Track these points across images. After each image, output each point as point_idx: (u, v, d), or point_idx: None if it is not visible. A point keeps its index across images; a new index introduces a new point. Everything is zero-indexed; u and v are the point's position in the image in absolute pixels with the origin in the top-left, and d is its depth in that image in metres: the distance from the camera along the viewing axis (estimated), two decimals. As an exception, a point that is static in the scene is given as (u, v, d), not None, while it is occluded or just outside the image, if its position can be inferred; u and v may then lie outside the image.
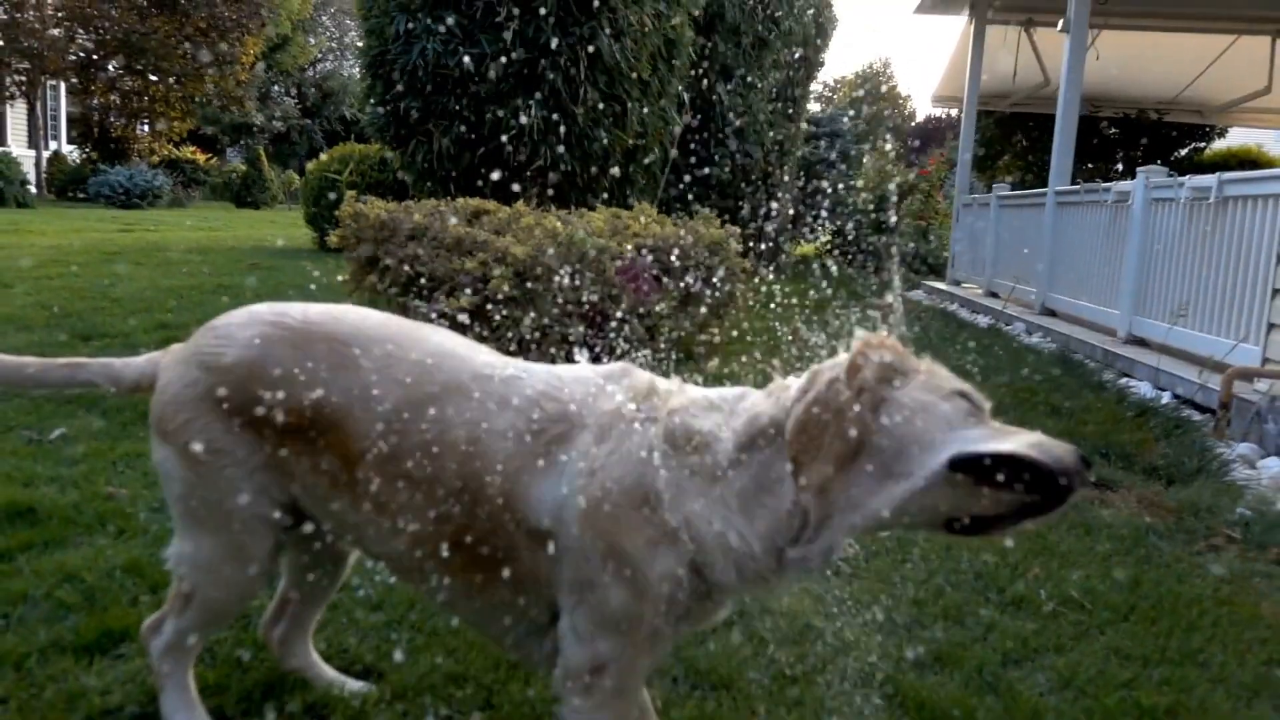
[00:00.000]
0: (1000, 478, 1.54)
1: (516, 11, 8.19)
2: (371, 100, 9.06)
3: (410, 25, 8.33)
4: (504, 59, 8.19)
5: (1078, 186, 10.42)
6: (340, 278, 6.69)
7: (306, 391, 1.84)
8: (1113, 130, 20.57)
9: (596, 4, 8.40)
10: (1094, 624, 2.96)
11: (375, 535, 1.88)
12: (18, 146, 25.28)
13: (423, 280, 5.67)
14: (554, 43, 8.18)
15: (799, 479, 1.59)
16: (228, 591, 2.01)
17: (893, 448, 1.58)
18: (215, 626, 2.19)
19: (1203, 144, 20.86)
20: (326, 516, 1.95)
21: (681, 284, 6.09)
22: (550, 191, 8.32)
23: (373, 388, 1.82)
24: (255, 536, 1.94)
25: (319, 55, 42.54)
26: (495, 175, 8.33)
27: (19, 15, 23.69)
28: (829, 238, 18.32)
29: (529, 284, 5.34)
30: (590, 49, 8.48)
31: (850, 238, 17.04)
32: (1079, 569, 3.37)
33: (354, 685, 2.33)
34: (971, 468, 1.55)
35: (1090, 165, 20.06)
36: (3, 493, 3.35)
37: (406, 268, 5.93)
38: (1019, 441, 1.58)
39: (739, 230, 7.31)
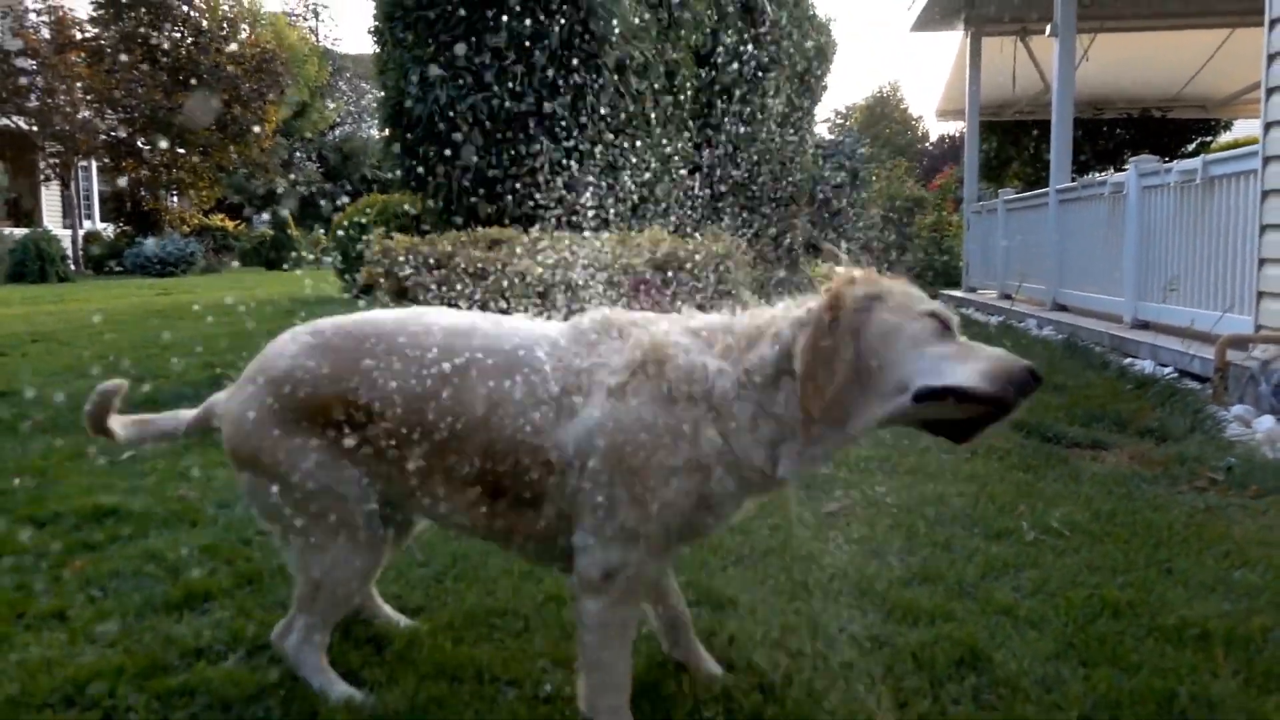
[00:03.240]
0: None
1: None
2: (391, 148, 9.57)
3: (424, 74, 8.83)
4: (513, 100, 8.67)
5: (1076, 183, 10.72)
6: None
7: (343, 389, 2.13)
8: (1118, 130, 20.82)
9: (599, 43, 8.87)
10: (1070, 546, 3.25)
11: (429, 497, 2.17)
12: (53, 226, 26.18)
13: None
14: (559, 81, 8.64)
15: (803, 400, 1.89)
16: (345, 577, 2.23)
17: (870, 369, 1.90)
18: (340, 612, 2.34)
19: (1209, 138, 21.05)
20: (391, 489, 2.21)
21: (689, 292, 6.45)
22: (564, 221, 8.73)
23: (399, 374, 2.11)
24: (352, 525, 2.19)
25: (338, 119, 43.63)
26: (511, 210, 8.77)
27: (50, 100, 24.67)
28: (844, 256, 18.66)
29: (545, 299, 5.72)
30: (594, 86, 8.94)
31: (864, 254, 17.39)
32: (1062, 507, 3.66)
33: (407, 621, 2.68)
34: (933, 396, 1.86)
35: (1099, 168, 20.31)
36: (88, 500, 3.74)
37: (434, 296, 6.34)
38: (974, 368, 1.88)
39: (745, 244, 7.68)
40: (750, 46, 13.93)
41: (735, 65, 13.74)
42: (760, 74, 14.27)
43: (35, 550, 3.24)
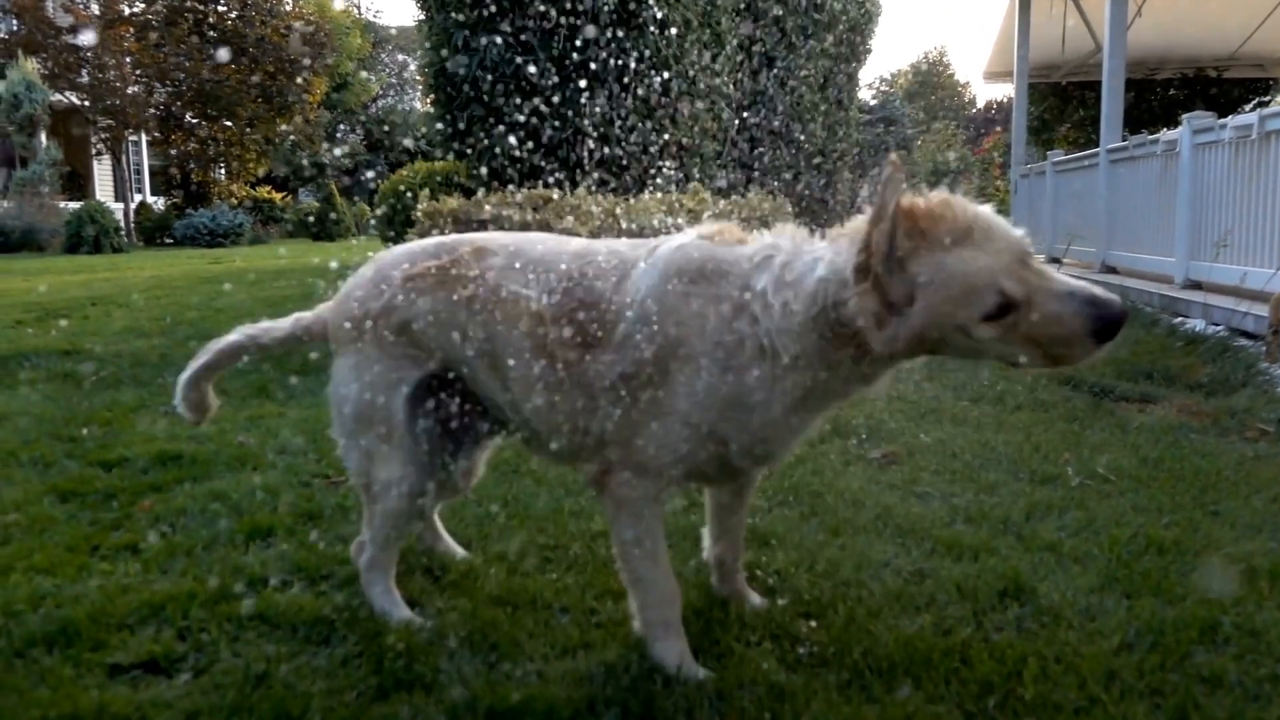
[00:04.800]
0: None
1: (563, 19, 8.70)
2: (435, 113, 9.66)
3: (468, 38, 8.88)
4: (557, 61, 8.71)
5: (1127, 142, 10.53)
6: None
7: (425, 297, 2.25)
8: (1172, 91, 20.35)
9: (641, 3, 8.86)
10: (1115, 490, 3.26)
11: (501, 387, 2.23)
12: (106, 199, 26.65)
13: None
14: (602, 42, 8.65)
15: (860, 321, 1.79)
16: (399, 493, 2.30)
17: (931, 295, 1.75)
18: (399, 530, 2.40)
19: (1267, 98, 20.49)
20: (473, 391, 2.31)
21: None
22: (610, 183, 8.77)
23: (482, 274, 2.21)
24: (417, 444, 2.29)
25: (380, 92, 43.88)
26: (556, 172, 8.82)
27: (101, 75, 25.10)
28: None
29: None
30: (638, 47, 8.94)
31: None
32: (1108, 454, 3.66)
33: (464, 553, 2.77)
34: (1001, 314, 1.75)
35: (1151, 129, 19.90)
36: (154, 446, 3.88)
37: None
38: (1050, 300, 1.75)
39: (787, 203, 7.68)
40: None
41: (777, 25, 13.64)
42: (804, 35, 14.14)
43: (105, 491, 3.38)
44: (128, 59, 25.89)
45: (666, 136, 9.50)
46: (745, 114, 12.99)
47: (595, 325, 2.06)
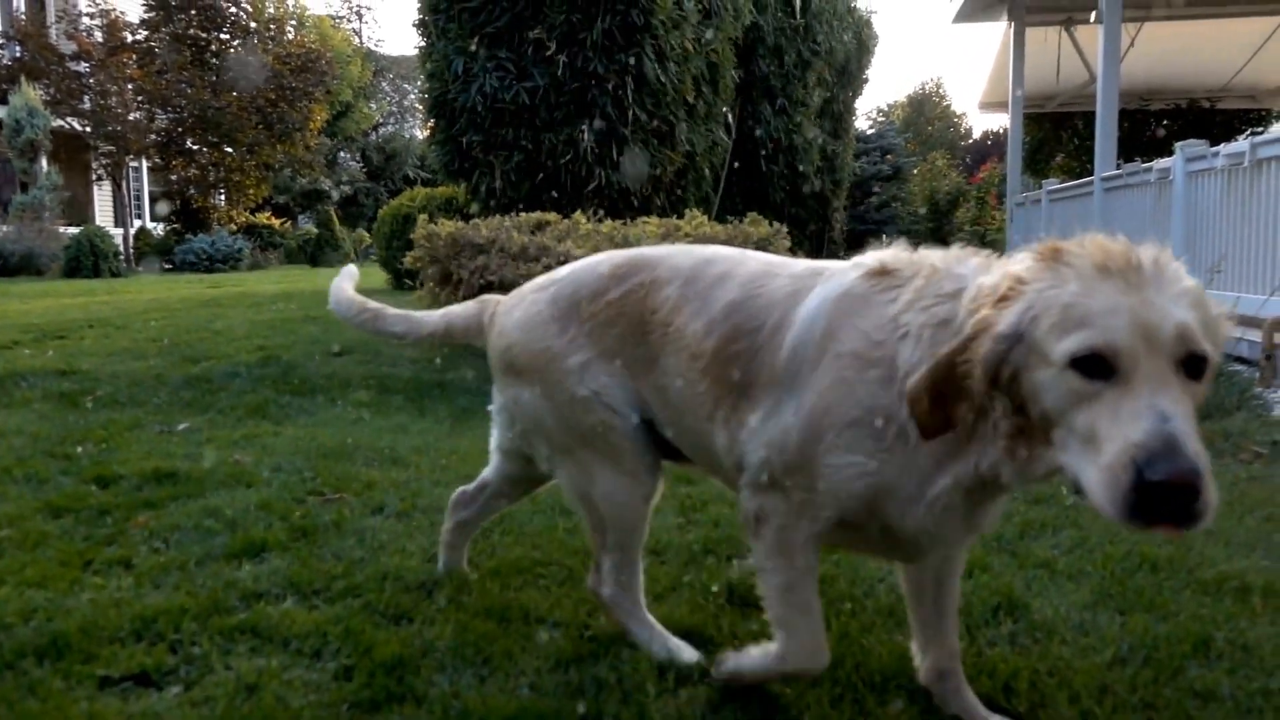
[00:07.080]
0: None
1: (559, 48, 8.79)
2: (435, 139, 9.72)
3: (468, 65, 8.96)
4: (556, 89, 8.78)
5: (1121, 170, 10.62)
6: (416, 294, 7.24)
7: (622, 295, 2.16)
8: (1165, 121, 20.53)
9: (639, 31, 8.95)
10: (1110, 509, 3.26)
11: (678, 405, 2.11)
12: (106, 224, 26.69)
13: (494, 286, 6.18)
14: (601, 69, 8.73)
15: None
16: (629, 507, 2.22)
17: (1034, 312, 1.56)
18: (636, 542, 2.28)
19: (1260, 128, 20.67)
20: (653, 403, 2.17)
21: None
22: (606, 208, 8.82)
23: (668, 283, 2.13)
24: (628, 450, 2.18)
25: (380, 120, 44.13)
26: (554, 197, 8.88)
27: (103, 102, 25.25)
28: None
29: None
30: (635, 74, 9.01)
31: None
32: (1102, 475, 3.67)
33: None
34: None
35: (1146, 159, 20.04)
36: (148, 464, 3.88)
37: (477, 278, 6.46)
38: (1140, 397, 1.40)
39: (785, 228, 7.73)
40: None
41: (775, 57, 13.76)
42: (799, 66, 14.27)
43: (100, 508, 3.37)
44: (129, 85, 26.02)
45: (659, 161, 9.56)
46: (742, 142, 13.09)
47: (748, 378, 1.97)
